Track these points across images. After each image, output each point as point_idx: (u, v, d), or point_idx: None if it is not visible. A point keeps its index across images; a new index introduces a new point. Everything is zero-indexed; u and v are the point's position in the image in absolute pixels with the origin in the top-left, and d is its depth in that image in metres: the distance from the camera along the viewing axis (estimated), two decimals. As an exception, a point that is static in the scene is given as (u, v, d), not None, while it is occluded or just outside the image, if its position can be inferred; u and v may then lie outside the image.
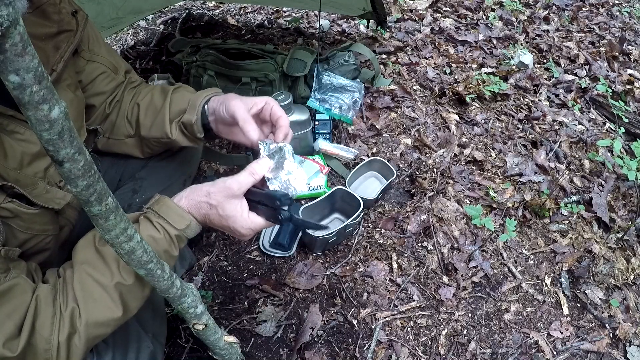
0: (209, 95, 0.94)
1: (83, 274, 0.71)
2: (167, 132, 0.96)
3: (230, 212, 0.77)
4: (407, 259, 1.45)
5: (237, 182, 0.77)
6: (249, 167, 0.79)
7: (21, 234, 0.74)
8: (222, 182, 0.78)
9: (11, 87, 0.36)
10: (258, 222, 0.79)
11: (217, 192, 0.78)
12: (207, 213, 0.79)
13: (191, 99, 0.95)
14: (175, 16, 2.68)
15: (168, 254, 0.77)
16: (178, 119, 0.96)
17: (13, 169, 0.73)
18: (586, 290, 1.43)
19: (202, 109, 0.93)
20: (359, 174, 1.63)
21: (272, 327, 1.28)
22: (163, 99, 0.98)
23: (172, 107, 0.97)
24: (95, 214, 0.51)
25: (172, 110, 0.96)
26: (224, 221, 0.78)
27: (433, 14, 2.75)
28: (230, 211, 0.77)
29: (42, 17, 0.82)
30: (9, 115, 0.72)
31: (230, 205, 0.77)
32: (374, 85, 2.06)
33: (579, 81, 2.28)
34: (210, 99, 0.94)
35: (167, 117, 0.96)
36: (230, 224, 0.78)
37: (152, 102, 0.99)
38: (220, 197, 0.77)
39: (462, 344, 1.28)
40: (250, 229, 0.79)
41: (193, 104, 0.94)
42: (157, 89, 1.01)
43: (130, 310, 0.75)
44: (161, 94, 0.99)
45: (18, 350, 0.62)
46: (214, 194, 0.78)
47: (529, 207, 1.63)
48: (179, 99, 0.97)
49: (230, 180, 0.78)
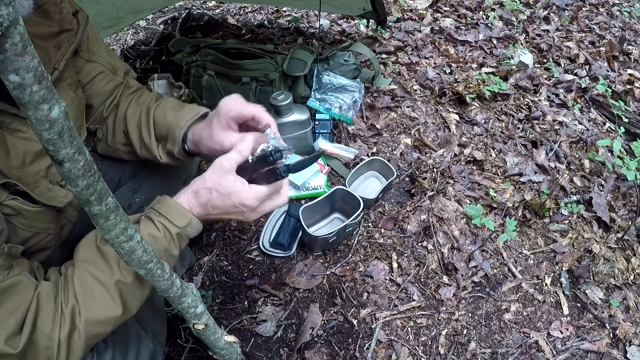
0: (185, 126, 0.93)
1: (83, 271, 0.71)
2: (156, 155, 0.97)
3: (229, 188, 0.76)
4: (407, 259, 1.45)
5: (227, 159, 0.78)
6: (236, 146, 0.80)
7: (23, 232, 0.74)
8: (213, 165, 0.78)
9: (11, 87, 0.36)
10: (261, 189, 0.78)
11: (211, 174, 0.78)
12: (208, 199, 0.78)
13: (170, 128, 0.94)
14: (175, 16, 2.68)
15: (168, 252, 0.77)
16: (163, 143, 0.96)
17: (15, 167, 0.73)
18: (586, 290, 1.43)
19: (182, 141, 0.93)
20: (359, 173, 1.63)
21: (272, 326, 1.28)
22: (147, 121, 0.97)
23: (156, 130, 0.97)
24: (95, 213, 0.51)
25: (156, 133, 0.97)
26: (227, 199, 0.77)
27: (433, 14, 2.75)
28: (230, 187, 0.76)
29: (44, 17, 0.83)
30: (11, 113, 0.73)
31: (227, 182, 0.76)
32: (374, 85, 2.06)
33: (579, 81, 2.28)
34: (188, 131, 0.93)
35: (153, 142, 0.97)
36: (234, 199, 0.76)
37: (139, 123, 0.98)
38: (215, 177, 0.77)
39: (462, 343, 1.28)
40: (256, 198, 0.77)
41: (172, 135, 0.93)
42: (144, 106, 1.00)
43: (130, 310, 0.75)
44: (146, 115, 0.98)
45: (19, 347, 0.62)
46: (209, 177, 0.78)
47: (529, 206, 1.63)
48: (161, 123, 0.96)
49: (219, 159, 0.78)
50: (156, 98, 1.03)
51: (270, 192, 0.79)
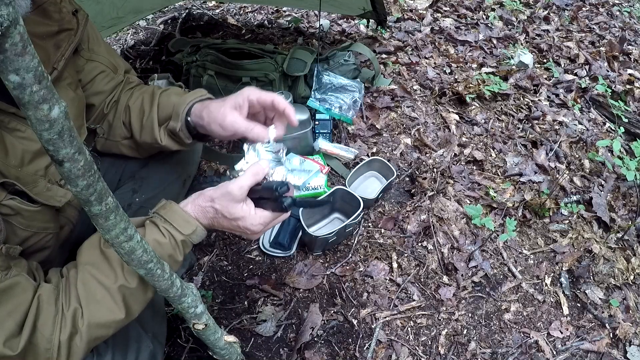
0: (192, 101, 0.93)
1: (87, 275, 0.71)
2: (157, 137, 0.97)
3: (237, 214, 0.78)
4: (407, 259, 1.45)
5: (238, 187, 0.78)
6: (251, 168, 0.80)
7: (22, 232, 0.74)
8: (224, 187, 0.79)
9: (11, 87, 0.36)
10: (266, 216, 0.80)
11: (220, 197, 0.78)
12: (215, 217, 0.80)
13: (175, 105, 0.94)
14: (175, 16, 2.67)
15: (172, 258, 0.77)
16: (165, 125, 0.96)
17: (14, 166, 0.73)
18: (586, 290, 1.43)
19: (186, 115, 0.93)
20: (359, 173, 1.63)
21: (272, 326, 1.28)
22: (150, 103, 0.97)
23: (159, 112, 0.96)
24: (95, 213, 0.51)
25: (160, 115, 0.96)
26: (234, 222, 0.79)
27: (433, 14, 2.75)
28: (237, 213, 0.78)
29: (43, 16, 0.83)
30: (10, 112, 0.72)
31: (235, 209, 0.78)
32: (374, 85, 2.06)
33: (579, 81, 2.28)
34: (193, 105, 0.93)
35: (155, 122, 0.96)
36: (240, 224, 0.79)
37: (142, 106, 0.98)
38: (224, 202, 0.78)
39: (462, 343, 1.28)
40: (261, 224, 0.80)
41: (176, 111, 0.93)
42: (147, 92, 1.00)
43: (132, 313, 0.75)
44: (150, 97, 0.99)
45: (19, 349, 0.62)
46: (218, 199, 0.78)
47: (529, 206, 1.63)
48: (165, 104, 0.96)
49: (232, 185, 0.78)
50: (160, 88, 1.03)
51: (274, 218, 0.82)
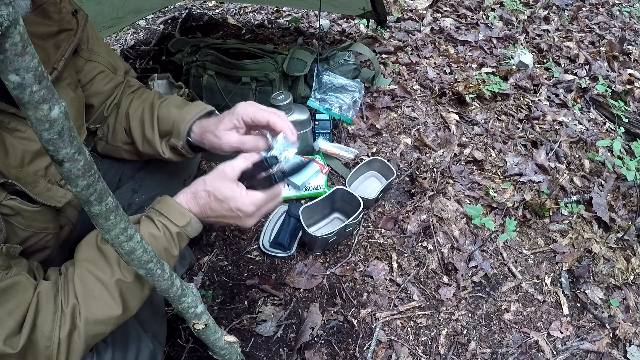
0: (192, 119, 0.94)
1: (84, 271, 0.71)
2: (159, 151, 0.98)
3: (227, 193, 0.78)
4: (407, 259, 1.45)
5: (230, 167, 0.80)
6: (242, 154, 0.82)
7: (22, 232, 0.74)
8: (216, 169, 0.80)
9: (11, 87, 0.36)
10: (258, 195, 0.80)
11: (212, 179, 0.80)
12: (207, 201, 0.80)
13: (175, 122, 0.95)
14: (175, 16, 2.68)
15: (168, 252, 0.77)
16: (167, 139, 0.97)
17: (14, 166, 0.73)
18: (586, 290, 1.43)
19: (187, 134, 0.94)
20: (359, 173, 1.63)
21: (272, 326, 1.28)
22: (150, 114, 0.98)
23: (160, 125, 0.97)
24: (95, 213, 0.51)
25: (160, 129, 0.97)
26: (225, 204, 0.79)
27: (433, 14, 2.75)
28: (228, 193, 0.78)
29: (43, 16, 0.83)
30: (10, 112, 0.72)
31: (225, 188, 0.78)
32: (374, 85, 2.06)
33: (579, 81, 2.28)
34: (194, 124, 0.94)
35: (157, 137, 0.97)
36: (231, 205, 0.79)
37: (142, 117, 0.99)
38: (216, 182, 0.79)
39: (462, 343, 1.28)
40: (253, 204, 0.79)
41: (177, 128, 0.94)
42: (147, 102, 1.01)
43: (130, 310, 0.75)
44: (149, 109, 0.99)
45: (19, 347, 0.62)
46: (210, 181, 0.80)
47: (529, 206, 1.63)
48: (165, 118, 0.97)
49: (224, 165, 0.80)
50: (159, 96, 1.03)
51: (266, 199, 0.81)
